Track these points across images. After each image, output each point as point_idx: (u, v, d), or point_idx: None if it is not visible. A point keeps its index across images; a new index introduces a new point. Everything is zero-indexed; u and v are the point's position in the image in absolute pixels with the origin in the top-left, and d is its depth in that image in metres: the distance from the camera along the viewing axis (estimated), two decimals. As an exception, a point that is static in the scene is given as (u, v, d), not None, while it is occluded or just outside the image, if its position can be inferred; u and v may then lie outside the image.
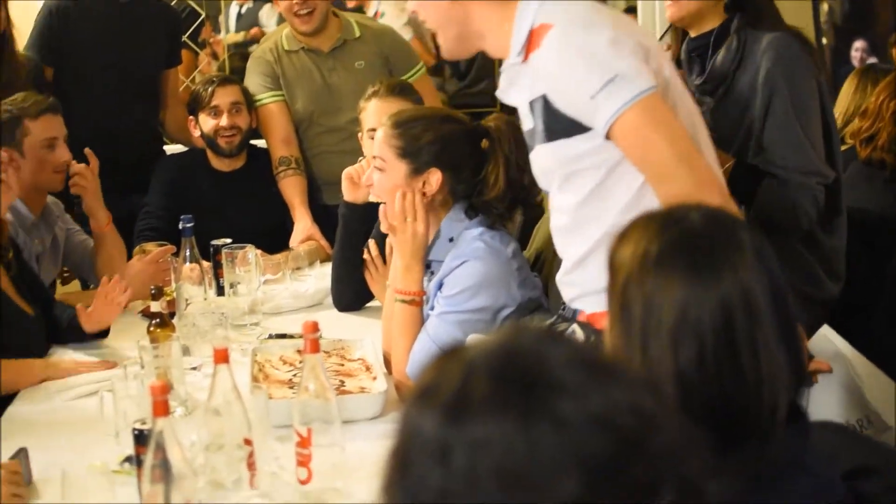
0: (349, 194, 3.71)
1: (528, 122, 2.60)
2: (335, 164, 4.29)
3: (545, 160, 2.59)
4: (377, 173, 3.14)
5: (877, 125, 3.80)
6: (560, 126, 2.49)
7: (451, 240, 3.12)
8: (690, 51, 3.41)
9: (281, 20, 5.88)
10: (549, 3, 2.53)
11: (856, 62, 9.84)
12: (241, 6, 6.89)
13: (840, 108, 4.78)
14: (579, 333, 2.59)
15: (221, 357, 2.42)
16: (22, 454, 2.61)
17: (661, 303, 1.68)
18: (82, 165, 4.09)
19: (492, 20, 2.59)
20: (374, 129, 3.64)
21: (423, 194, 3.07)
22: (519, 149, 3.05)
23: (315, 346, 2.45)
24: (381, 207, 3.13)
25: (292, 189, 4.68)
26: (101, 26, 4.73)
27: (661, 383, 1.65)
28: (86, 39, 4.72)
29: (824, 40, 10.78)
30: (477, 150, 3.11)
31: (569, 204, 2.57)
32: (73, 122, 4.18)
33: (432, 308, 3.09)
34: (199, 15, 5.91)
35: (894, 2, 11.14)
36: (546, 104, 2.49)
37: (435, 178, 3.07)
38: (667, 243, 1.70)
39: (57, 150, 4.02)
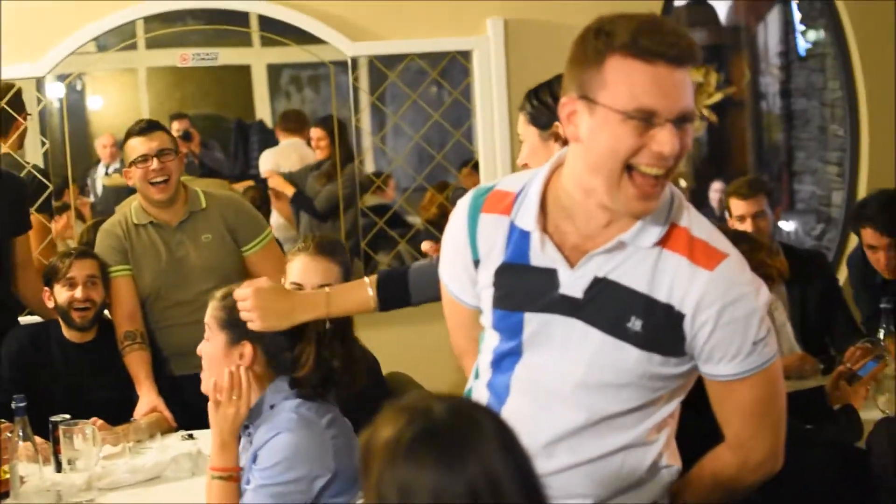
0: None
1: (575, 291, 2.39)
2: (184, 335, 4.34)
3: (616, 356, 2.40)
4: (204, 343, 3.20)
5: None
6: (664, 342, 2.37)
7: (271, 407, 3.16)
8: None
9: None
10: (693, 211, 2.44)
11: (714, 203, 10.16)
12: (107, 166, 6.93)
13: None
14: None
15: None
16: None
17: (415, 490, 1.76)
18: None
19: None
20: (296, 284, 3.73)
21: (247, 368, 3.13)
22: (337, 331, 3.16)
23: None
24: (206, 380, 3.19)
25: (137, 363, 4.68)
26: None
27: None
28: None
29: (683, 182, 11.11)
30: (295, 328, 3.17)
31: (580, 418, 2.43)
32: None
33: (248, 481, 3.12)
34: (47, 186, 5.94)
35: (754, 145, 11.53)
36: (669, 316, 2.35)
37: (247, 350, 3.13)
38: (416, 433, 1.79)
39: None
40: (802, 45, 10.27)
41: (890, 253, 5.11)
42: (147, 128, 4.79)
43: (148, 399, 4.55)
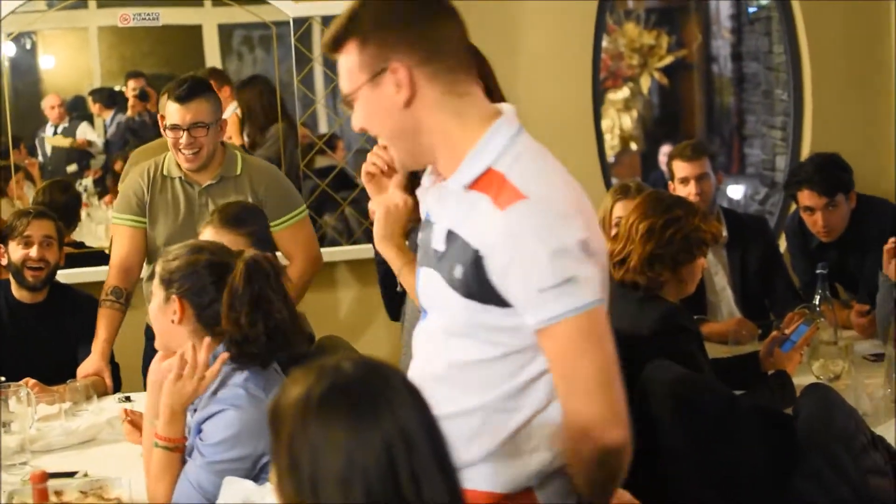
0: None
1: (437, 244, 2.45)
2: None
3: (448, 308, 2.43)
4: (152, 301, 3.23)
5: (628, 247, 3.94)
6: (480, 290, 2.34)
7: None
8: None
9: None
10: (520, 145, 2.39)
11: (663, 167, 10.19)
12: (55, 126, 6.89)
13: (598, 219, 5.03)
14: None
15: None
16: None
17: (327, 449, 1.76)
18: None
19: (445, 130, 2.40)
20: None
21: (172, 322, 3.15)
22: (250, 288, 3.11)
23: (43, 496, 2.50)
24: (157, 339, 3.22)
25: (107, 322, 4.62)
26: None
27: None
28: None
29: (634, 146, 11.15)
30: (224, 284, 3.16)
31: (453, 357, 2.44)
32: None
33: (192, 446, 3.13)
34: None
35: (705, 109, 11.56)
36: (476, 262, 2.33)
37: (175, 306, 3.14)
38: (325, 391, 1.79)
39: None
40: (751, 8, 10.29)
41: (826, 213, 5.17)
42: (186, 96, 4.58)
43: (94, 360, 4.52)
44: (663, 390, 3.59)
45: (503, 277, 2.30)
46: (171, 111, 4.60)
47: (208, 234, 3.92)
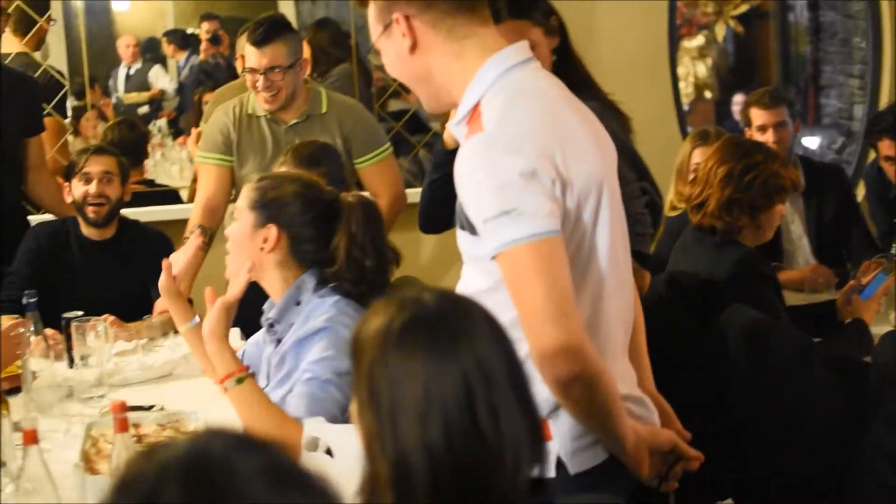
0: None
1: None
2: None
3: (459, 239, 2.56)
4: (234, 223, 3.23)
5: (706, 192, 3.92)
6: (463, 219, 2.47)
7: (297, 303, 3.18)
8: None
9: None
10: (509, 78, 2.50)
11: (737, 116, 10.07)
12: (128, 67, 6.93)
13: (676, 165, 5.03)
14: None
15: (30, 438, 2.47)
16: None
17: (406, 380, 1.77)
18: None
19: (449, 72, 2.55)
20: None
21: (262, 250, 3.15)
22: (368, 231, 3.16)
23: (123, 426, 2.52)
24: (230, 262, 3.22)
25: None
26: None
27: (410, 456, 1.75)
28: None
29: (708, 94, 11.03)
30: (324, 220, 3.18)
31: (465, 291, 2.52)
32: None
33: (286, 375, 3.12)
34: (64, 85, 5.94)
35: (780, 58, 11.42)
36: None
37: (272, 234, 3.15)
38: (406, 322, 1.80)
39: None
40: (828, -46, 10.12)
41: (906, 164, 5.11)
42: (262, 39, 4.60)
43: None
44: (740, 333, 3.57)
45: (466, 208, 2.43)
46: (249, 54, 4.63)
47: None
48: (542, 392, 2.37)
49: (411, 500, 1.75)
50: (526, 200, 2.32)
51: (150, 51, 6.95)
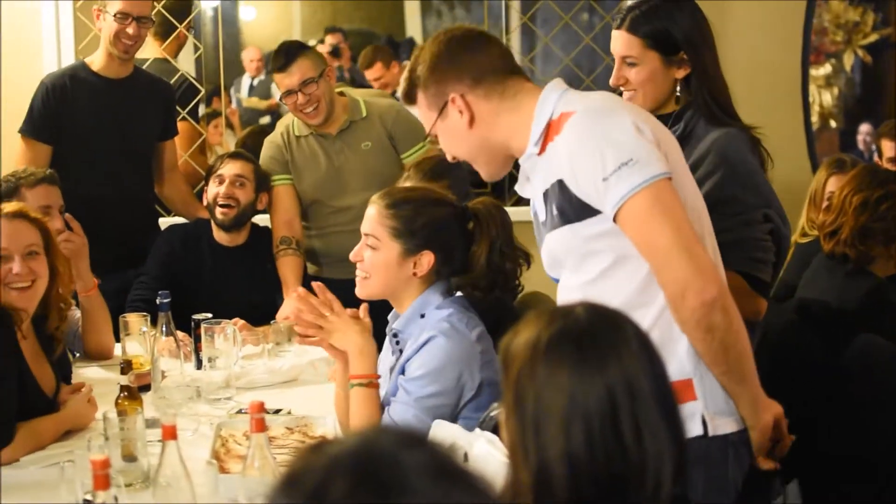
0: None
1: (542, 213, 2.70)
2: (344, 241, 4.29)
3: (558, 245, 2.67)
4: (368, 251, 3.23)
5: (840, 219, 3.88)
6: (573, 210, 2.58)
7: (422, 316, 3.21)
8: None
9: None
10: (571, 93, 2.68)
11: (861, 146, 9.94)
12: (252, 78, 7.01)
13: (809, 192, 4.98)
14: None
15: (169, 434, 2.51)
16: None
17: (551, 391, 1.79)
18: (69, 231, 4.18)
19: (511, 125, 2.71)
20: None
21: (414, 274, 3.19)
22: (504, 234, 3.23)
23: (260, 426, 2.55)
24: (368, 286, 3.26)
25: (289, 268, 4.81)
26: (96, 102, 4.85)
27: (552, 464, 1.76)
28: (82, 115, 4.84)
29: (833, 123, 10.89)
30: (465, 232, 3.24)
31: (578, 283, 2.64)
32: (69, 193, 4.32)
33: (396, 387, 3.17)
34: (199, 91, 6.02)
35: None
36: (562, 188, 2.59)
37: (427, 259, 3.19)
38: (554, 335, 1.82)
39: (50, 219, 4.10)
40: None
41: None
42: (284, 63, 4.79)
43: (292, 304, 4.58)
44: (871, 363, 3.53)
45: (579, 185, 2.54)
46: (279, 80, 4.83)
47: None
48: (680, 351, 2.52)
49: (552, 509, 1.76)
50: (640, 149, 2.50)
51: (273, 62, 7.02)
